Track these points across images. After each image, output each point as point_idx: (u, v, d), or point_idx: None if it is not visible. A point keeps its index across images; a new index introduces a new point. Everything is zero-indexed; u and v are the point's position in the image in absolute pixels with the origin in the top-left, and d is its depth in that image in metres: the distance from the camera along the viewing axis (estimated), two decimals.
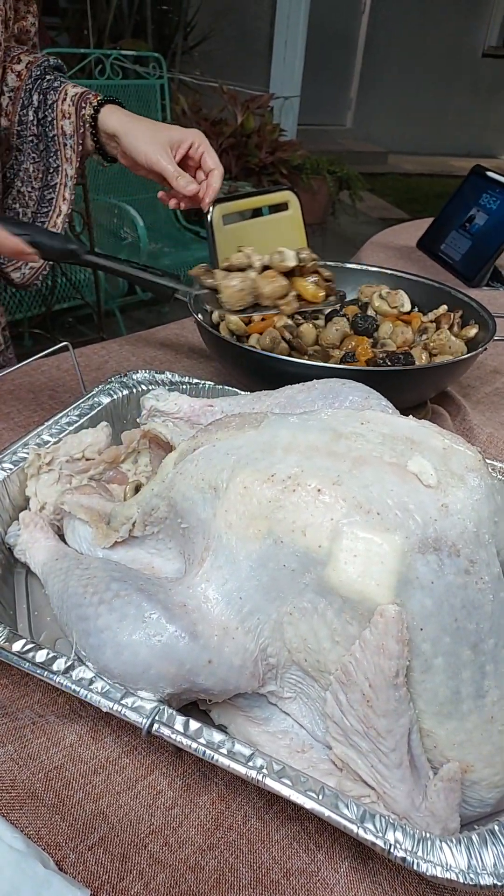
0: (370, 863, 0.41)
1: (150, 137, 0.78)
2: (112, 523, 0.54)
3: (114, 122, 0.82)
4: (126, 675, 0.42)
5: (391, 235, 1.69)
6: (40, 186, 0.90)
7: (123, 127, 0.80)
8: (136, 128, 0.80)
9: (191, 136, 0.80)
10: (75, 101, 0.84)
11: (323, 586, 0.40)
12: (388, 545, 0.38)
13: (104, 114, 0.83)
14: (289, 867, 0.40)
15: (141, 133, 0.79)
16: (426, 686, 0.38)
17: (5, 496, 0.59)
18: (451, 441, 0.44)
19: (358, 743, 0.40)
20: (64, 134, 0.86)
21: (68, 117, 0.84)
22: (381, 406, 0.57)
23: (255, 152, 3.11)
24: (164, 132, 0.79)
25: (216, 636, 0.42)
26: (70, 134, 0.86)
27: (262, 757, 0.39)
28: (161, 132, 0.79)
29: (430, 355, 0.85)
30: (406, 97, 6.25)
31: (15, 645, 0.44)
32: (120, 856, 0.40)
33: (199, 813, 0.42)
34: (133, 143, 0.79)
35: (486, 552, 0.40)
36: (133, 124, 0.80)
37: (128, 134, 0.80)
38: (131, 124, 0.80)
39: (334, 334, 0.87)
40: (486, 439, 0.83)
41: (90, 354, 0.97)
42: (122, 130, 0.80)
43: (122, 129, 0.80)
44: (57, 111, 0.85)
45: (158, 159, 0.78)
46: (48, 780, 0.43)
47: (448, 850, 0.36)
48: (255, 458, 0.44)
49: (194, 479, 0.47)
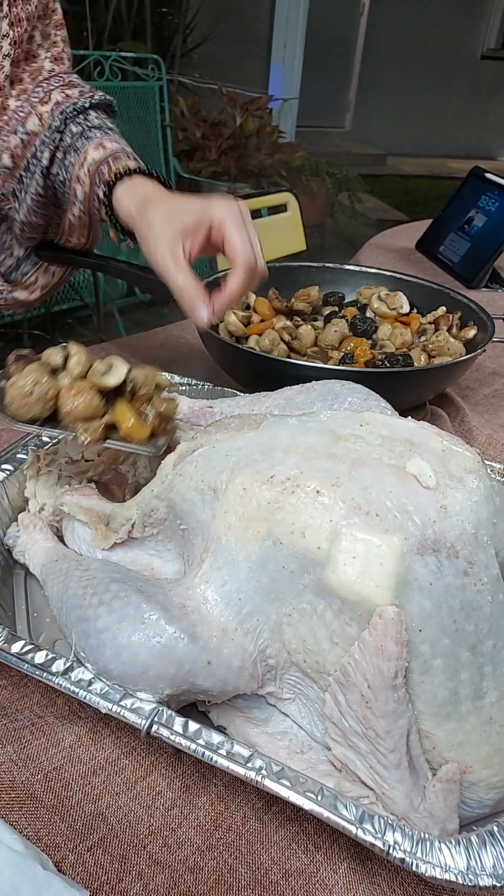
0: (369, 864, 0.41)
1: (162, 228, 0.60)
2: (111, 524, 0.54)
3: (128, 206, 0.66)
4: (125, 676, 0.42)
5: (390, 237, 1.69)
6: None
7: (139, 212, 0.64)
8: (152, 213, 0.62)
9: (209, 216, 0.60)
10: (91, 172, 0.70)
11: (322, 588, 0.40)
12: (387, 547, 0.38)
13: (120, 195, 0.67)
14: (287, 868, 0.40)
15: (155, 221, 0.61)
16: (425, 687, 0.38)
17: (4, 497, 0.59)
18: (450, 443, 0.44)
19: (357, 744, 0.40)
20: (75, 196, 0.74)
21: (81, 185, 0.72)
22: (380, 407, 0.57)
23: (255, 154, 3.11)
24: (179, 218, 0.60)
25: (215, 637, 0.42)
26: (81, 200, 0.74)
27: (261, 758, 0.39)
28: (175, 218, 0.60)
29: (429, 357, 0.85)
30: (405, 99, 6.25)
31: (14, 646, 0.44)
32: (119, 857, 0.40)
33: (198, 814, 0.42)
34: (145, 240, 0.62)
35: (484, 554, 0.40)
36: (149, 209, 0.62)
37: (141, 220, 0.63)
38: (147, 208, 0.63)
39: (333, 336, 0.87)
40: (485, 441, 0.83)
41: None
42: (136, 217, 0.64)
43: (137, 215, 0.64)
44: (72, 174, 0.72)
45: (166, 263, 0.59)
46: (47, 782, 0.43)
47: (447, 851, 0.36)
48: (255, 460, 0.45)
49: (193, 481, 0.47)
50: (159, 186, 0.67)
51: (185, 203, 0.61)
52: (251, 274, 0.59)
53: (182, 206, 0.61)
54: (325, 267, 1.05)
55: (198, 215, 0.59)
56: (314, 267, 1.04)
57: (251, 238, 0.59)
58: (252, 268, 0.59)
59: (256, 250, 0.59)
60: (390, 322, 0.92)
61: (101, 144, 0.71)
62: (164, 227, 0.60)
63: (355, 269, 1.05)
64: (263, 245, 0.62)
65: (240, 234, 0.58)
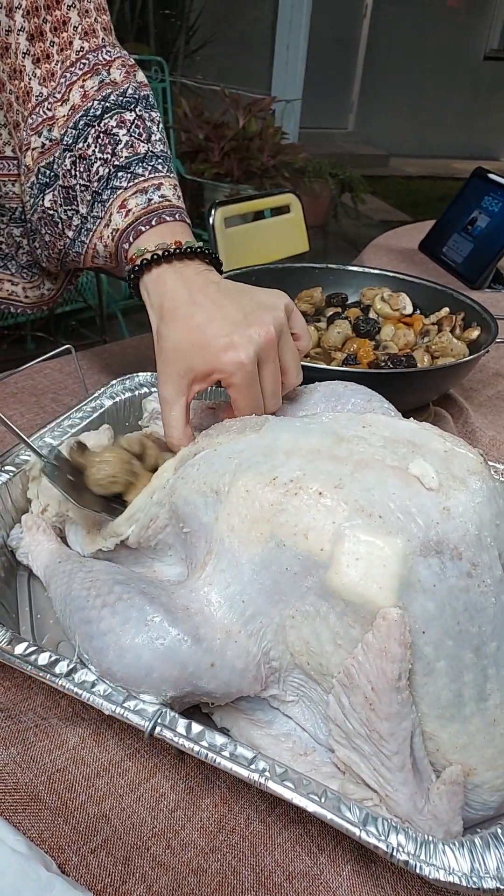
0: (373, 866, 0.41)
1: (174, 355, 0.54)
2: (102, 531, 0.53)
3: (149, 308, 0.59)
4: (129, 677, 0.42)
5: (393, 238, 1.69)
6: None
7: (157, 318, 0.57)
8: (167, 331, 0.55)
9: (219, 372, 0.53)
10: (116, 239, 0.62)
11: (325, 589, 0.40)
12: (390, 548, 0.38)
13: (143, 291, 0.59)
14: (291, 870, 0.40)
15: (167, 345, 0.55)
16: (428, 689, 0.38)
17: (7, 499, 0.59)
18: (453, 444, 0.44)
19: (360, 746, 0.40)
20: (96, 252, 0.66)
21: (105, 244, 0.64)
22: (383, 408, 0.57)
23: (257, 155, 3.11)
24: (191, 357, 0.53)
25: (219, 639, 0.42)
26: (104, 257, 0.66)
27: (264, 760, 0.39)
28: (187, 354, 0.53)
29: (432, 358, 0.85)
30: (408, 100, 6.25)
31: (18, 648, 0.44)
32: (122, 859, 0.40)
33: (202, 816, 0.42)
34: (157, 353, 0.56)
35: (488, 555, 0.40)
36: (164, 324, 0.55)
37: (157, 332, 0.57)
38: (163, 322, 0.56)
39: (336, 337, 0.87)
40: (489, 442, 0.83)
41: (92, 357, 0.98)
42: (153, 321, 0.58)
43: (154, 319, 0.58)
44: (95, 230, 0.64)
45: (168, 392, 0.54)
46: (51, 783, 0.43)
47: (451, 853, 0.36)
48: (257, 462, 0.45)
49: (196, 484, 0.47)
50: (175, 279, 0.57)
51: (195, 336, 0.53)
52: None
53: (192, 341, 0.53)
54: (328, 268, 1.05)
55: (209, 366, 0.53)
56: (317, 268, 1.04)
57: (259, 395, 0.54)
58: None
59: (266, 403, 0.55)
60: (393, 323, 0.92)
61: (123, 204, 0.62)
62: (176, 355, 0.54)
63: (358, 270, 1.05)
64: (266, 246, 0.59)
65: (245, 401, 0.53)
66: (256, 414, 0.53)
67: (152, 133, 0.66)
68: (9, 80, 0.66)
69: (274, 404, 0.55)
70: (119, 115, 0.64)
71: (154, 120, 0.67)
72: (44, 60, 0.65)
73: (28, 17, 0.64)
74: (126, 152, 0.64)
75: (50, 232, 0.70)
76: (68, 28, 0.65)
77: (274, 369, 0.55)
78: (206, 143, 3.06)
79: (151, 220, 0.61)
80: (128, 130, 0.64)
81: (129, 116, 0.65)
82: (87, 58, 0.66)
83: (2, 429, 0.78)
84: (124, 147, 0.64)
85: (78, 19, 0.66)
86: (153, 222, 0.61)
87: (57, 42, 0.65)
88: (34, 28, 0.64)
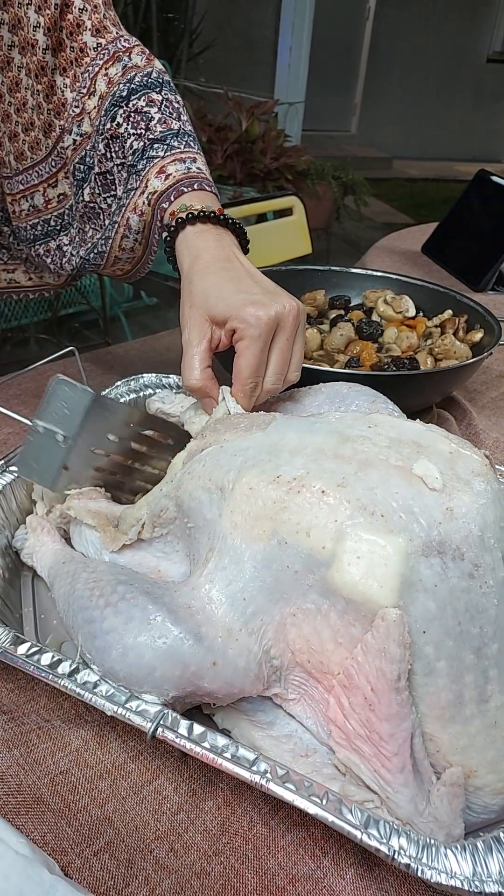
0: (376, 869, 0.40)
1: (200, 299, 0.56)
2: (121, 525, 0.54)
3: (183, 259, 0.59)
4: (131, 677, 0.42)
5: (396, 240, 1.69)
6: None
7: (189, 269, 0.58)
8: (197, 279, 0.56)
9: (235, 321, 0.53)
10: (153, 203, 0.62)
11: (326, 588, 0.40)
12: (392, 547, 0.38)
13: (181, 243, 0.60)
14: (294, 873, 0.40)
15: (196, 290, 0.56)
16: (429, 690, 0.38)
17: (12, 500, 0.59)
18: (458, 445, 0.44)
19: (361, 747, 0.39)
20: (128, 227, 0.65)
21: (141, 215, 0.64)
22: (388, 410, 0.57)
23: (260, 158, 3.12)
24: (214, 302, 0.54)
25: (220, 638, 0.42)
26: (137, 230, 0.65)
27: (265, 761, 0.39)
28: (212, 299, 0.55)
29: (435, 360, 0.85)
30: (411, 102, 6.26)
31: (21, 648, 0.44)
32: (126, 861, 0.40)
33: (205, 818, 0.42)
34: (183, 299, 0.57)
35: (490, 556, 0.39)
36: (197, 270, 0.57)
37: (186, 280, 0.58)
38: (194, 270, 0.57)
39: (339, 339, 0.87)
40: (493, 444, 0.83)
41: (96, 359, 0.98)
42: (185, 272, 0.58)
43: (186, 270, 0.58)
44: (130, 202, 0.64)
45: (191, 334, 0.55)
46: (54, 785, 0.43)
47: (453, 856, 0.35)
48: (262, 460, 0.45)
49: (201, 479, 0.47)
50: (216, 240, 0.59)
51: (226, 287, 0.55)
52: (246, 398, 0.55)
53: (222, 289, 0.55)
54: (330, 270, 1.05)
55: (229, 312, 0.54)
56: (320, 270, 1.04)
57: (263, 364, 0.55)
58: (246, 394, 0.55)
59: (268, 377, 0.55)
60: (396, 325, 0.92)
61: (162, 170, 0.62)
62: (202, 299, 0.55)
63: (361, 272, 1.05)
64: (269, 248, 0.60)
65: (249, 359, 0.53)
66: (255, 384, 0.54)
67: (181, 113, 0.67)
68: (45, 100, 0.66)
69: (274, 382, 0.55)
70: (147, 95, 0.65)
71: (181, 103, 0.68)
72: (69, 68, 0.66)
73: (49, 34, 0.64)
74: (160, 127, 0.64)
75: (91, 226, 0.70)
76: (82, 30, 0.66)
77: (285, 346, 0.55)
78: (209, 145, 3.07)
79: (193, 185, 0.62)
80: (158, 108, 0.65)
81: (156, 97, 0.65)
82: (107, 48, 0.66)
83: (2, 431, 0.78)
84: (157, 123, 0.64)
85: (89, 19, 0.66)
86: (195, 186, 0.62)
87: (76, 46, 0.66)
88: (55, 42, 0.65)
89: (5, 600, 0.54)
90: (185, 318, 0.56)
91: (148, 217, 0.64)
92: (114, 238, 0.67)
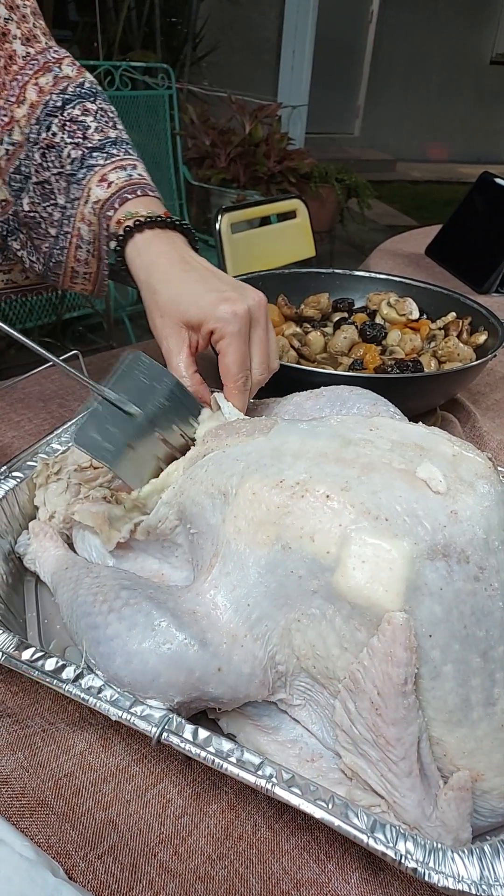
0: (382, 874, 0.40)
1: (166, 306, 0.56)
2: (114, 523, 0.53)
3: (137, 268, 0.59)
4: (136, 683, 0.42)
5: (399, 242, 1.69)
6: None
7: (146, 279, 0.58)
8: (160, 286, 0.56)
9: (212, 322, 0.54)
10: (97, 212, 0.62)
11: (331, 592, 0.40)
12: (397, 551, 0.38)
13: (132, 252, 0.59)
14: (299, 878, 0.40)
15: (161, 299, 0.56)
16: (435, 693, 0.38)
17: (15, 505, 0.59)
18: (461, 448, 0.44)
19: (367, 752, 0.39)
20: (80, 238, 0.65)
21: (89, 224, 0.64)
22: (389, 413, 0.57)
23: (264, 161, 3.12)
24: (185, 308, 0.55)
25: (225, 643, 0.42)
26: (89, 241, 0.65)
27: (271, 766, 0.39)
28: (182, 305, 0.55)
29: (439, 362, 0.85)
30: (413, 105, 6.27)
31: (25, 653, 0.44)
32: (129, 865, 0.40)
33: (209, 822, 0.42)
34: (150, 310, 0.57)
35: (495, 559, 0.39)
36: (158, 278, 0.57)
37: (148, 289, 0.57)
38: (153, 279, 0.57)
39: (343, 342, 0.87)
40: (497, 446, 0.83)
41: (100, 362, 0.98)
42: (143, 283, 0.58)
43: (144, 281, 0.58)
44: (77, 212, 0.63)
45: (169, 344, 0.56)
46: (58, 788, 0.43)
47: (460, 861, 0.35)
48: (265, 465, 0.44)
49: (204, 485, 0.47)
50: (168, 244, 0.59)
51: (193, 288, 0.55)
52: (240, 394, 0.56)
53: (190, 293, 0.55)
54: (334, 273, 1.05)
55: (203, 314, 0.54)
56: (323, 273, 1.04)
57: (248, 358, 0.56)
58: (239, 390, 0.55)
59: (254, 369, 0.56)
60: (400, 328, 0.92)
61: (104, 178, 0.62)
62: (173, 307, 0.56)
63: (365, 275, 1.05)
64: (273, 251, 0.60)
65: (234, 356, 0.54)
66: (245, 378, 0.55)
67: (117, 123, 0.67)
68: None
69: (261, 373, 0.56)
70: (81, 104, 0.65)
71: (115, 113, 0.67)
72: None
73: None
74: (98, 136, 0.64)
75: (36, 234, 0.69)
76: (9, 38, 0.65)
77: (263, 336, 0.56)
78: (213, 149, 3.07)
79: (136, 191, 0.62)
80: (94, 117, 0.65)
81: (91, 106, 0.65)
82: (36, 59, 0.66)
83: (5, 436, 0.78)
84: (94, 132, 0.64)
85: (17, 28, 0.66)
86: (138, 192, 0.62)
87: (3, 55, 0.65)
88: None
89: (9, 605, 0.54)
90: (158, 329, 0.56)
91: (96, 227, 0.64)
92: (68, 248, 0.66)
